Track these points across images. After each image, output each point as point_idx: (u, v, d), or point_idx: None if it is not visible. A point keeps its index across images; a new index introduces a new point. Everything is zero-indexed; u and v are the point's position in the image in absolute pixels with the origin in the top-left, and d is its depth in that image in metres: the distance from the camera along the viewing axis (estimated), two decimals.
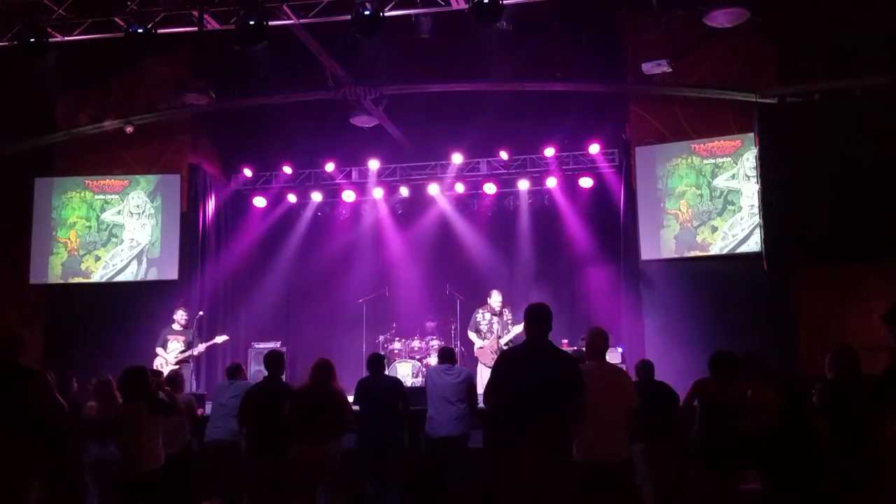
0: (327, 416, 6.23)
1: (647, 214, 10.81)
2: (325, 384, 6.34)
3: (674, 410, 6.53)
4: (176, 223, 11.67)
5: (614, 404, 5.18)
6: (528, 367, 4.77)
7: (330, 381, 6.39)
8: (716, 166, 10.58)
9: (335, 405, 6.30)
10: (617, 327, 10.76)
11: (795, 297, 9.70)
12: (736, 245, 10.34)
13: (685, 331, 10.03)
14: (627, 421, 5.24)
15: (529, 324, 4.98)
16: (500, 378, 4.87)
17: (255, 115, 11.65)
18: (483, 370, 9.78)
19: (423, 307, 12.35)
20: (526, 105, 11.11)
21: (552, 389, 4.67)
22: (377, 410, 7.05)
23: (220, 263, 12.22)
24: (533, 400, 4.65)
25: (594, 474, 4.96)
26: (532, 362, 4.80)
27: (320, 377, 6.39)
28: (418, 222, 13.07)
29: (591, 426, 4.83)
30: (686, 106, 10.66)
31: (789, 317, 9.64)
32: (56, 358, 10.76)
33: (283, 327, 12.48)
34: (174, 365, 9.80)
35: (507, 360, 5.00)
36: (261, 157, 12.60)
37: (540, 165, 12.16)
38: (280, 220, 13.13)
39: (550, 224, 12.39)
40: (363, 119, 11.06)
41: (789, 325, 9.59)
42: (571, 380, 4.75)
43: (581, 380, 4.75)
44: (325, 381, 6.37)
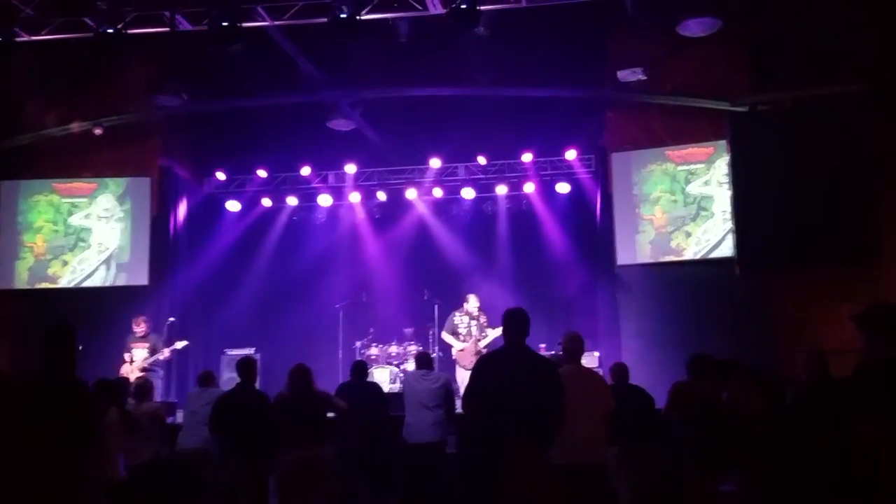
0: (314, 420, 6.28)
1: (623, 220, 10.95)
2: (305, 389, 6.40)
3: (649, 413, 6.65)
4: (146, 227, 11.55)
5: (591, 408, 5.29)
6: (506, 371, 4.84)
7: (310, 385, 6.46)
8: (689, 173, 10.74)
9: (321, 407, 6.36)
10: (593, 331, 10.88)
11: (768, 300, 9.86)
12: (709, 250, 10.51)
13: (660, 334, 10.17)
14: (604, 424, 5.34)
15: (508, 328, 5.05)
16: (480, 383, 4.93)
17: (229, 117, 11.61)
18: (462, 373, 9.87)
19: (400, 312, 12.35)
20: (504, 111, 11.20)
21: (531, 393, 4.75)
22: (358, 414, 7.10)
23: (192, 269, 12.14)
24: (512, 404, 4.72)
25: (571, 477, 5.06)
26: (510, 366, 4.87)
27: (301, 381, 6.43)
28: (396, 227, 13.09)
29: (568, 429, 4.92)
30: (661, 113, 10.81)
31: (762, 320, 9.80)
32: (23, 366, 10.61)
33: (256, 334, 12.41)
34: (140, 372, 9.72)
35: (485, 365, 5.07)
36: (235, 160, 12.54)
37: (518, 171, 12.26)
38: (254, 225, 13.08)
39: (528, 229, 12.50)
40: (340, 123, 11.09)
41: (762, 328, 9.75)
42: (549, 384, 4.83)
43: (559, 383, 4.84)
44: (305, 386, 6.44)
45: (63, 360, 4.08)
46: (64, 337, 4.15)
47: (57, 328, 4.21)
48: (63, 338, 4.15)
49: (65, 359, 4.08)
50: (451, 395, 7.57)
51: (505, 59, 9.95)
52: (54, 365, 4.09)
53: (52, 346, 4.12)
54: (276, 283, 13.02)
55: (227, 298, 12.66)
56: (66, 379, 4.06)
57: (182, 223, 12.17)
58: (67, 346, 4.13)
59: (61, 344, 4.12)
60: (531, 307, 5.31)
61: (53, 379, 4.04)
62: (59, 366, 4.08)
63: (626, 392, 6.62)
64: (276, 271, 13.03)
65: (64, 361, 4.08)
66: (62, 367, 4.07)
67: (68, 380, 4.06)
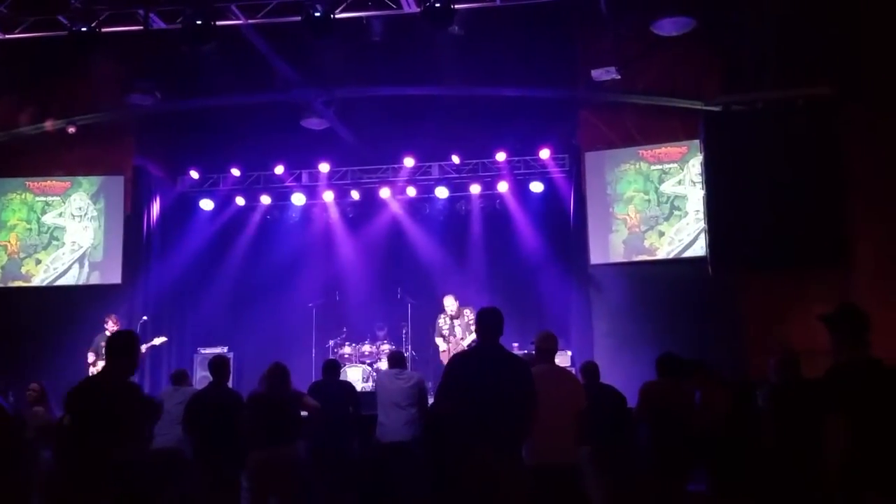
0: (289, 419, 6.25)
1: (597, 219, 10.96)
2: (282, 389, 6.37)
3: (621, 413, 6.63)
4: (119, 226, 11.48)
5: (563, 407, 5.25)
6: (479, 370, 4.81)
7: (286, 385, 6.42)
8: (663, 172, 10.76)
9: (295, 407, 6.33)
10: (566, 330, 10.89)
11: (740, 300, 9.89)
12: (682, 249, 10.54)
13: (633, 334, 10.17)
14: (576, 423, 5.31)
15: (481, 328, 5.02)
16: (452, 382, 4.89)
17: (202, 116, 11.49)
18: None
19: (373, 312, 12.34)
20: (478, 110, 11.17)
21: (503, 392, 4.71)
22: (329, 413, 7.03)
23: (165, 267, 12.02)
24: (484, 403, 4.67)
25: (543, 477, 5.02)
26: (483, 366, 4.84)
27: (278, 381, 6.39)
28: (369, 226, 13.06)
29: (541, 429, 4.88)
30: (634, 113, 10.82)
31: (734, 320, 9.83)
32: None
33: (230, 333, 12.33)
34: None
35: (458, 364, 5.02)
36: (208, 158, 12.44)
37: (491, 170, 12.24)
38: (228, 224, 12.99)
39: (502, 228, 12.49)
40: (314, 122, 11.02)
41: (734, 329, 9.79)
42: (522, 383, 4.80)
43: (531, 383, 4.81)
44: (282, 385, 6.40)
45: (120, 364, 4.51)
46: (122, 344, 4.58)
47: (116, 336, 4.71)
48: (121, 345, 4.57)
49: (122, 363, 4.51)
50: (425, 394, 7.51)
51: (479, 59, 9.91)
52: (110, 369, 4.53)
53: (111, 352, 4.55)
54: (250, 282, 12.97)
55: (200, 297, 12.57)
56: (119, 383, 4.46)
57: (155, 222, 12.05)
58: (126, 353, 4.54)
59: (119, 350, 4.55)
60: (505, 306, 5.28)
61: (108, 382, 4.48)
62: (115, 370, 4.51)
63: (598, 391, 6.59)
64: (250, 270, 12.97)
65: (121, 366, 4.51)
66: (118, 371, 4.50)
67: (121, 383, 4.46)
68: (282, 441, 6.32)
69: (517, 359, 5.13)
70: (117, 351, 4.56)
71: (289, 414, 6.44)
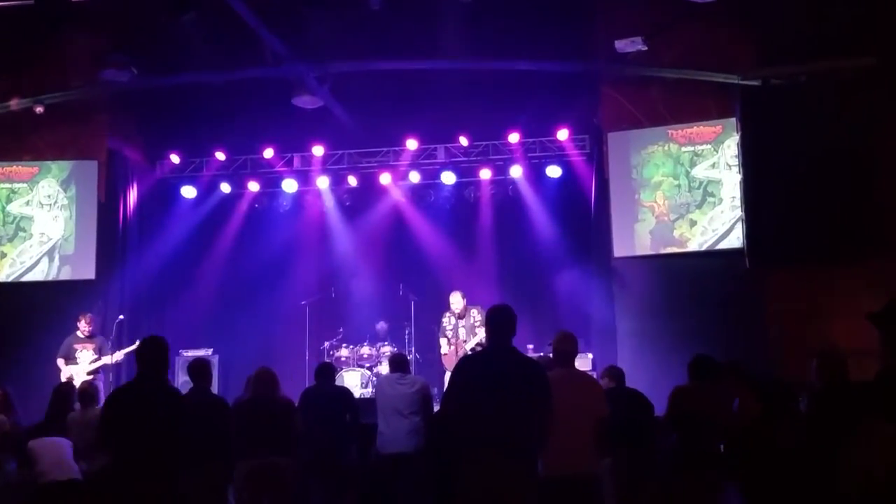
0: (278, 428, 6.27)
1: (621, 207, 10.94)
2: (270, 395, 6.39)
3: (647, 421, 6.62)
4: (93, 215, 11.50)
5: (583, 414, 5.24)
6: (489, 374, 4.78)
7: (275, 391, 6.45)
8: (695, 154, 10.73)
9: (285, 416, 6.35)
10: (587, 331, 10.89)
11: (778, 295, 9.87)
12: (716, 240, 10.51)
13: (661, 334, 10.17)
14: (597, 432, 5.30)
15: (491, 328, 4.99)
16: (459, 387, 4.87)
17: (183, 94, 11.47)
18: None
19: (373, 310, 12.34)
20: (488, 86, 11.13)
21: (516, 399, 4.69)
22: (324, 422, 7.06)
23: (143, 261, 12.06)
24: (495, 410, 4.66)
25: (560, 489, 5.02)
26: (494, 370, 4.81)
27: (263, 388, 6.41)
28: (368, 215, 13.05)
29: (559, 438, 4.87)
30: (663, 88, 10.79)
31: (771, 317, 9.82)
32: None
33: (215, 333, 12.34)
34: (87, 376, 9.67)
35: (466, 368, 5.01)
36: (190, 141, 12.44)
37: (503, 153, 12.22)
38: (212, 213, 12.99)
39: (515, 217, 12.47)
40: (306, 100, 10.99)
41: (771, 327, 9.77)
42: (537, 388, 4.78)
43: (548, 388, 4.79)
44: (269, 391, 6.42)
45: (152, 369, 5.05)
46: (151, 350, 5.08)
47: (145, 342, 5.18)
48: (150, 351, 5.08)
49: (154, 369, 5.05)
50: (430, 401, 7.52)
51: (489, 28, 9.88)
52: (144, 374, 5.06)
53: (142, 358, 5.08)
54: (237, 278, 12.97)
55: (181, 294, 12.59)
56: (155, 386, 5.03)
57: (132, 211, 12.08)
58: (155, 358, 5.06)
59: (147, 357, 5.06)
60: (518, 304, 5.28)
61: (143, 386, 5.03)
62: (148, 374, 5.05)
63: (622, 397, 6.58)
64: (236, 264, 12.97)
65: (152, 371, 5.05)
66: (151, 375, 5.04)
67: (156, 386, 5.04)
68: (272, 452, 6.35)
69: (532, 362, 5.11)
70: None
71: (279, 422, 6.47)
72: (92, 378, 9.64)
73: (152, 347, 5.10)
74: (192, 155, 12.66)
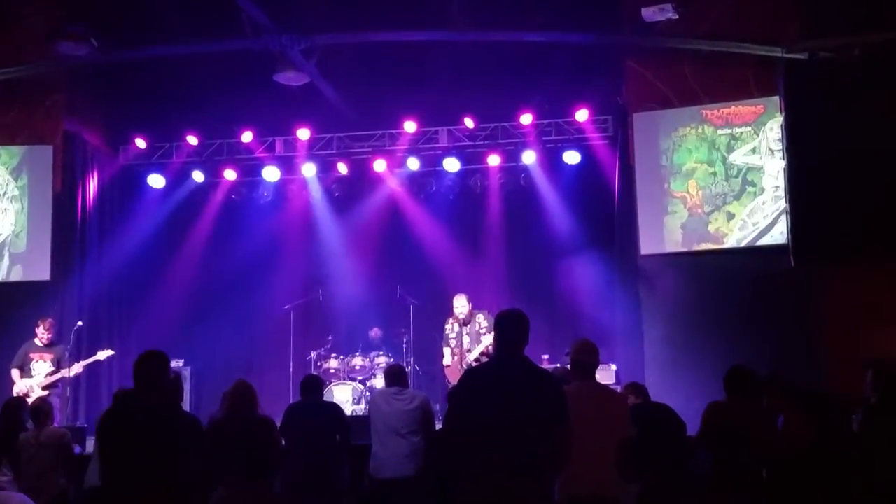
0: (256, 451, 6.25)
1: (648, 198, 10.94)
2: (248, 413, 6.38)
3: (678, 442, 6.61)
4: (47, 208, 11.54)
5: (605, 435, 5.22)
6: (497, 389, 4.77)
7: (253, 408, 6.44)
8: (732, 138, 10.72)
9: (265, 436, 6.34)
10: (610, 339, 10.91)
11: (827, 298, 9.87)
12: (757, 236, 10.51)
13: (694, 342, 10.19)
14: (620, 455, 5.29)
15: (500, 335, 4.97)
16: (462, 403, 4.86)
17: (150, 70, 11.50)
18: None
19: (366, 316, 12.37)
20: (496, 61, 11.16)
21: (529, 417, 4.68)
22: (310, 443, 7.06)
23: (104, 260, 12.07)
24: (505, 430, 4.65)
25: None
26: (503, 383, 4.79)
27: (240, 404, 6.41)
28: (360, 208, 13.08)
29: (577, 461, 4.85)
30: (696, 63, 10.78)
31: (822, 322, 9.82)
32: None
33: (186, 342, 12.38)
34: (42, 391, 9.72)
35: (471, 381, 4.99)
36: (158, 123, 12.47)
37: (514, 136, 12.20)
38: (183, 205, 13.05)
39: (527, 210, 12.48)
40: (290, 76, 10.99)
41: (821, 335, 9.77)
42: (552, 405, 4.76)
43: (564, 405, 4.78)
44: (247, 408, 6.42)
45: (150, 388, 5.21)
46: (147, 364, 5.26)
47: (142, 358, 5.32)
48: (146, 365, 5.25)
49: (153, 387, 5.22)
50: (431, 418, 7.53)
51: None
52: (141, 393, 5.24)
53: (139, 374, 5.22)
54: (211, 279, 13.01)
55: (148, 298, 12.62)
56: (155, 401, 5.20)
57: (92, 203, 12.09)
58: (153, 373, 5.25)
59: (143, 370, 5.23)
60: (530, 308, 5.29)
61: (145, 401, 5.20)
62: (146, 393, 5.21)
63: (650, 415, 6.55)
64: (211, 264, 13.01)
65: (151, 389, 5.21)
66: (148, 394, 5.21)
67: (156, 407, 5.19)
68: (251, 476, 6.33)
69: (546, 375, 5.09)
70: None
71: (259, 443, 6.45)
72: (47, 394, 9.69)
73: (152, 362, 5.28)
74: (160, 139, 12.67)
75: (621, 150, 11.39)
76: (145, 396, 5.19)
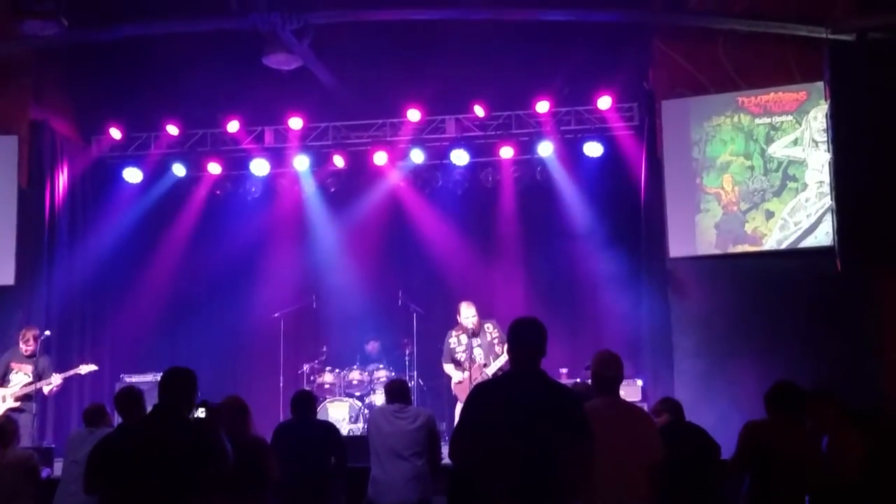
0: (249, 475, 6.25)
1: (678, 194, 10.93)
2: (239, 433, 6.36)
3: (712, 466, 6.58)
4: (12, 205, 11.54)
5: (631, 457, 5.22)
6: (511, 405, 4.77)
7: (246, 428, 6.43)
8: (772, 128, 10.71)
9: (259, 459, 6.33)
10: (636, 351, 10.93)
11: (882, 304, 9.86)
12: (800, 236, 10.49)
13: (730, 355, 10.17)
14: (648, 480, 5.27)
15: (514, 346, 4.98)
16: (473, 421, 4.85)
17: (126, 52, 11.52)
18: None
19: (365, 325, 12.36)
20: (510, 42, 11.14)
21: (545, 438, 4.68)
22: (302, 466, 7.03)
23: (75, 262, 12.10)
24: (517, 453, 4.65)
25: None
26: (517, 400, 4.79)
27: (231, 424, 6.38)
28: (359, 204, 13.08)
29: (600, 486, 4.84)
30: (732, 44, 10.78)
31: (872, 333, 9.79)
32: None
33: (165, 354, 12.32)
34: (14, 403, 9.82)
35: (482, 397, 4.98)
36: (134, 111, 12.50)
37: (529, 126, 12.21)
38: (162, 201, 13.07)
39: (543, 207, 12.49)
40: (281, 59, 11.01)
41: (872, 345, 9.74)
42: (572, 424, 4.76)
43: (586, 424, 4.77)
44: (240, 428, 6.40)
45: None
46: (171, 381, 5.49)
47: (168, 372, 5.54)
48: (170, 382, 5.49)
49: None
50: (436, 438, 7.52)
51: None
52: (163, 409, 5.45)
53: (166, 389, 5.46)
54: (193, 283, 13.06)
55: (124, 304, 12.66)
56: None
57: (62, 199, 12.14)
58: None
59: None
60: (548, 317, 5.28)
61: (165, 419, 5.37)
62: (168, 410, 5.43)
63: (681, 436, 6.55)
64: (193, 266, 13.05)
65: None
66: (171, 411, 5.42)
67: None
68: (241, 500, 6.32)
69: (565, 391, 5.08)
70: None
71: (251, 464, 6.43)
72: (18, 405, 9.83)
73: (179, 378, 5.47)
74: (136, 129, 12.70)
75: (648, 141, 11.39)
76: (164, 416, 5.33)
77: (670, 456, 5.49)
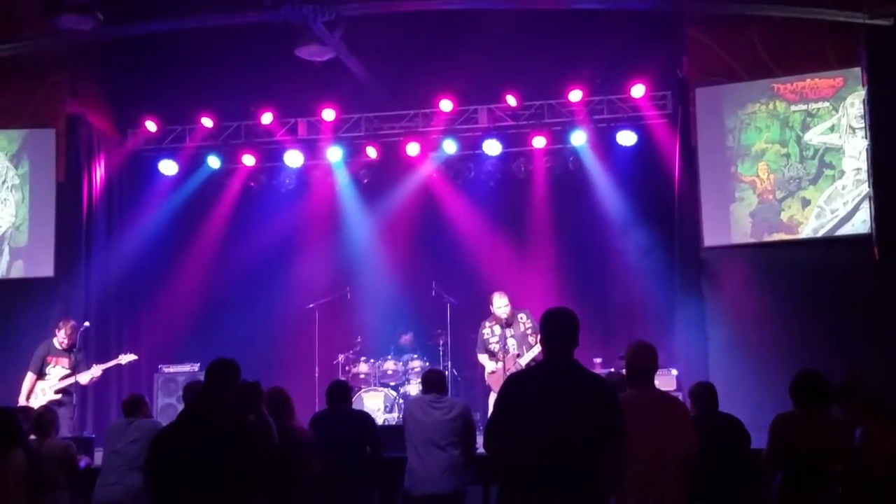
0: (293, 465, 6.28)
1: (713, 183, 10.87)
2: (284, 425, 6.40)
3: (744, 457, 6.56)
4: (50, 198, 11.64)
5: (665, 448, 5.21)
6: (544, 397, 4.77)
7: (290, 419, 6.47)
8: (808, 115, 10.62)
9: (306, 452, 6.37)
10: (670, 341, 10.87)
11: None
12: (836, 225, 10.41)
13: (765, 345, 10.13)
14: (683, 472, 5.26)
15: (547, 337, 4.97)
16: (506, 412, 4.86)
17: (161, 46, 11.55)
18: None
19: (399, 315, 12.42)
20: (543, 31, 11.11)
21: (579, 429, 4.68)
22: (337, 456, 7.06)
23: (112, 255, 12.20)
24: (551, 443, 4.64)
25: None
26: (550, 390, 4.79)
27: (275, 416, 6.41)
28: (392, 195, 13.12)
29: (634, 478, 4.85)
30: (767, 30, 10.69)
31: None
32: None
33: (202, 345, 12.40)
34: (55, 395, 9.89)
35: (515, 388, 4.99)
36: (169, 104, 12.58)
37: (562, 115, 12.21)
38: (197, 194, 13.16)
39: (576, 197, 12.48)
40: (313, 50, 11.01)
41: None
42: (606, 415, 4.75)
43: (620, 415, 4.77)
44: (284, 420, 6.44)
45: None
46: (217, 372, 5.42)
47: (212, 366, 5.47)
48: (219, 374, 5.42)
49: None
50: (471, 428, 7.54)
51: None
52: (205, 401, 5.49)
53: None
54: (228, 275, 13.11)
55: (160, 296, 12.77)
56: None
57: (99, 192, 12.24)
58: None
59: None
60: (581, 307, 5.30)
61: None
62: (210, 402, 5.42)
63: (715, 426, 6.53)
64: (228, 258, 13.12)
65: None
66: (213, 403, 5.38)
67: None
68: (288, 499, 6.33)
69: (599, 381, 5.07)
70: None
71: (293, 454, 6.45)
72: (59, 397, 9.90)
73: (224, 368, 5.40)
74: (171, 122, 12.80)
75: (682, 129, 11.33)
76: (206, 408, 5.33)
77: (704, 446, 5.49)
